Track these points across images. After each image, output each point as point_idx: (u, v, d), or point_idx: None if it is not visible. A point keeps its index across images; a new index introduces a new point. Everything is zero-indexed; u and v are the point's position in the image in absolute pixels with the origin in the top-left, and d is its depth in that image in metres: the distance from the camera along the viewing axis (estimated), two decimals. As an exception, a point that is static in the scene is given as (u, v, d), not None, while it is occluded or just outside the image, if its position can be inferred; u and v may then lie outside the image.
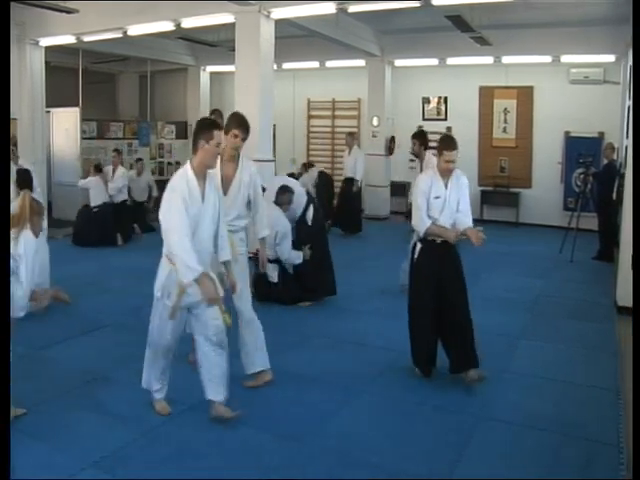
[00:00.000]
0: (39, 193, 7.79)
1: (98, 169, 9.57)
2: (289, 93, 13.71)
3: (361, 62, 12.20)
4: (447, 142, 4.21)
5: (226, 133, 3.96)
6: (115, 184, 9.58)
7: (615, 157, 9.00)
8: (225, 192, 4.05)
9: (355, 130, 12.35)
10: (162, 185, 10.66)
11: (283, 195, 6.21)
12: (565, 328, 5.62)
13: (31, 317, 5.43)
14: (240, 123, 4.10)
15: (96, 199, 9.29)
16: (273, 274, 6.07)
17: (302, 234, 6.29)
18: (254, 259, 4.58)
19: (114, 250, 8.98)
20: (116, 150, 10.41)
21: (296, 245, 6.20)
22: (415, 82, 12.62)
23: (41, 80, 10.33)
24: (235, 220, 4.16)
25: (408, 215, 5.38)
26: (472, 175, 11.89)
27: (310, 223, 6.36)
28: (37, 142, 10.20)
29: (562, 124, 11.20)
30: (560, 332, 5.49)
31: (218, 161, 3.85)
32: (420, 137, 6.35)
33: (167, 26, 8.79)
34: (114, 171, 9.79)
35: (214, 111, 7.45)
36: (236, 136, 4.06)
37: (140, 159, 11.41)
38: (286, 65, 12.57)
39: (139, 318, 5.68)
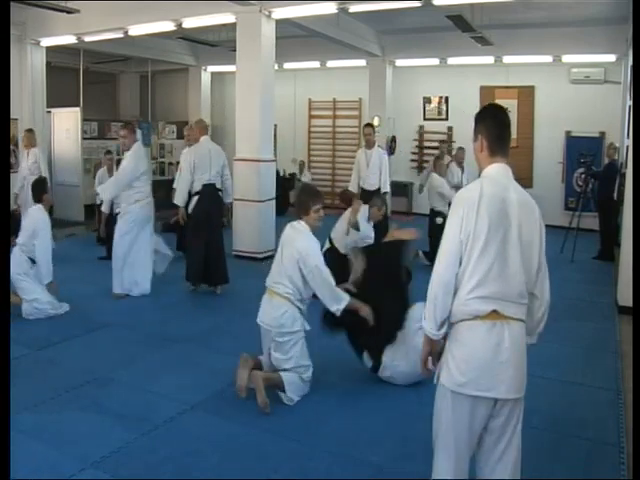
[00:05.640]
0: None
1: None
2: (290, 93, 13.71)
3: (362, 62, 12.20)
4: None
5: None
6: None
7: (616, 157, 8.99)
8: None
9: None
10: (163, 185, 10.56)
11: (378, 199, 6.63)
12: (565, 328, 5.61)
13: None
14: None
15: None
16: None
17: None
18: None
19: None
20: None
21: None
22: (416, 82, 12.61)
23: (42, 80, 10.34)
24: None
25: None
26: (473, 175, 11.85)
27: None
28: (38, 142, 10.20)
29: (563, 124, 11.20)
30: (560, 332, 5.47)
31: None
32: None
33: (168, 26, 8.80)
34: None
35: (199, 121, 7.33)
36: None
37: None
38: (287, 65, 12.58)
39: (139, 318, 5.71)
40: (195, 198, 6.56)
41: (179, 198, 6.61)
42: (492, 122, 2.41)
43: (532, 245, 2.34)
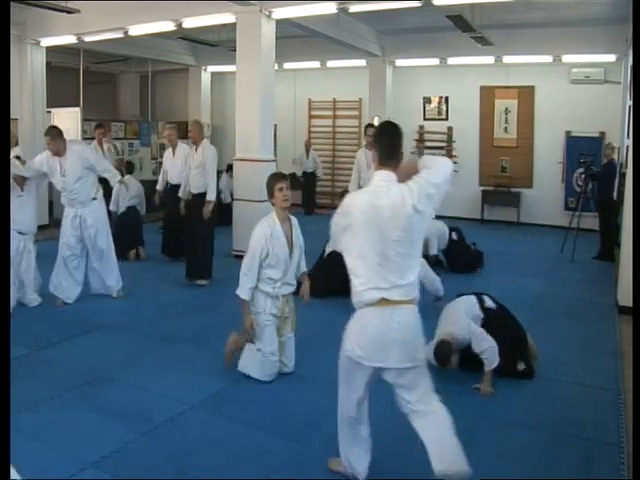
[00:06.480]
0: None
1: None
2: (290, 93, 13.72)
3: (362, 62, 12.20)
4: None
5: None
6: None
7: (615, 157, 8.99)
8: None
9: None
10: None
11: None
12: (565, 328, 5.62)
13: (32, 317, 5.50)
14: None
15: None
16: None
17: None
18: None
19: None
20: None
21: None
22: (416, 82, 12.61)
23: (42, 80, 10.34)
24: None
25: None
26: (473, 175, 11.91)
27: None
28: (38, 142, 10.20)
29: (563, 124, 11.20)
30: (560, 332, 5.48)
31: None
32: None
33: (168, 26, 8.80)
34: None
35: (196, 122, 7.48)
36: None
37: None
38: (287, 65, 12.58)
39: (138, 318, 5.71)
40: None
41: (214, 193, 6.84)
42: (382, 138, 2.82)
43: (406, 238, 2.68)
